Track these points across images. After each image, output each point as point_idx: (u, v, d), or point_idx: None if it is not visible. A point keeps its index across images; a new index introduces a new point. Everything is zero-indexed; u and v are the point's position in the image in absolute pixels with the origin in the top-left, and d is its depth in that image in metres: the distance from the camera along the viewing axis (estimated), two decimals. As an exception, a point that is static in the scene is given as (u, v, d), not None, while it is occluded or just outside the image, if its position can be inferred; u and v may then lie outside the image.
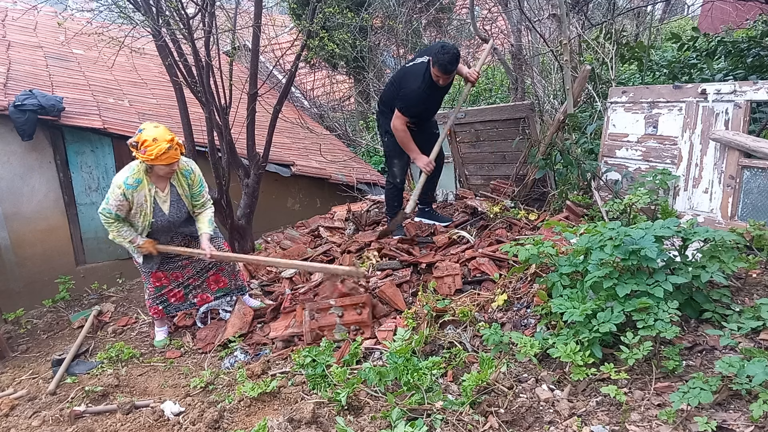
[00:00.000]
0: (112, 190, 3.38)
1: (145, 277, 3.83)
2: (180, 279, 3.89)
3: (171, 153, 3.27)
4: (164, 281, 3.85)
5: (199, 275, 3.96)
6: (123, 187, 3.35)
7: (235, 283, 4.09)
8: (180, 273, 3.88)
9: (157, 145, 3.22)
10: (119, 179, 3.38)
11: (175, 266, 3.86)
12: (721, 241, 2.43)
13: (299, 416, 2.19)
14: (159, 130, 3.28)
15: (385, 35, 9.11)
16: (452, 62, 3.88)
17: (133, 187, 3.38)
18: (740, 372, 1.86)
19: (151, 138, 3.22)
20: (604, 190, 3.89)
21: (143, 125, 3.34)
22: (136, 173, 3.39)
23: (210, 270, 3.97)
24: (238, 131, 5.22)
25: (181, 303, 3.96)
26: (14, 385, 3.56)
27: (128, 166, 3.45)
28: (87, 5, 7.24)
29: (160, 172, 3.43)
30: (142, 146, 3.24)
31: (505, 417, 2.08)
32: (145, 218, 3.52)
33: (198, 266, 3.92)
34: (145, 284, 3.90)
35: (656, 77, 5.82)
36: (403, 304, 3.42)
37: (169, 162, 3.31)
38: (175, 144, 3.29)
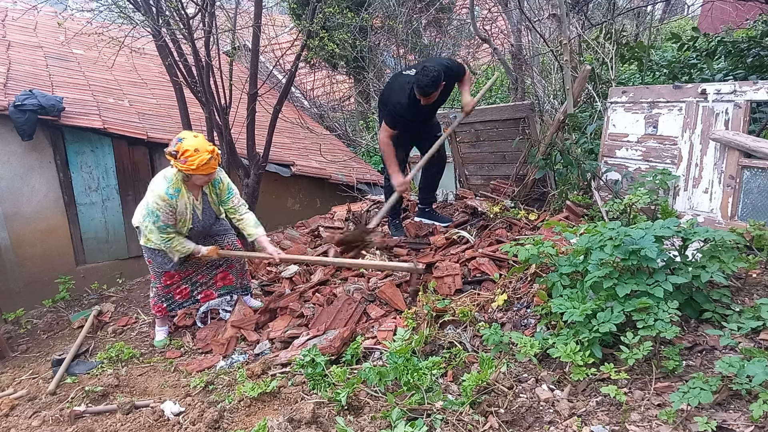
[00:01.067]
0: (156, 206, 3.34)
1: (156, 276, 3.83)
2: (190, 275, 3.90)
3: (211, 163, 3.28)
4: (176, 278, 3.86)
5: (209, 272, 3.97)
6: (167, 198, 3.34)
7: (241, 282, 4.10)
8: (192, 270, 3.89)
9: (200, 156, 3.21)
10: (161, 191, 3.34)
11: (189, 264, 3.86)
12: (721, 241, 2.43)
13: (299, 416, 2.19)
14: (199, 140, 3.27)
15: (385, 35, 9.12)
16: (431, 85, 3.72)
17: (175, 196, 3.38)
18: (740, 372, 1.86)
19: (193, 148, 3.21)
20: (604, 190, 3.89)
21: (182, 134, 3.32)
22: (174, 183, 3.38)
23: (220, 267, 3.98)
24: (238, 131, 5.22)
25: (185, 300, 3.97)
26: (14, 385, 3.56)
27: (163, 177, 3.41)
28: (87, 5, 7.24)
29: (198, 181, 3.43)
30: (183, 156, 3.21)
31: (505, 417, 2.08)
32: (184, 225, 3.54)
33: (209, 263, 3.92)
34: (153, 282, 3.89)
35: (656, 77, 5.82)
36: (403, 304, 3.42)
37: (209, 172, 3.32)
38: (215, 154, 3.29)
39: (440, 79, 3.76)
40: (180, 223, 3.53)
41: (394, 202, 4.14)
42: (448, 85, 4.06)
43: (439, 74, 3.75)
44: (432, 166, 4.50)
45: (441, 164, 4.55)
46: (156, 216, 3.37)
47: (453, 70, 4.05)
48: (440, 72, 3.76)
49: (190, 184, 3.46)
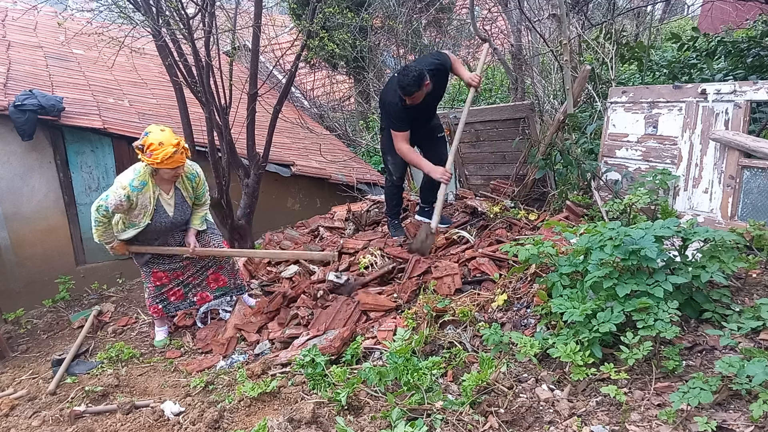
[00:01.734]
0: (114, 190, 3.36)
1: (146, 276, 3.84)
2: (180, 277, 3.90)
3: (177, 157, 3.28)
4: (164, 280, 3.86)
5: (199, 273, 3.96)
6: (128, 189, 3.35)
7: (234, 282, 4.09)
8: (181, 272, 3.89)
9: (163, 149, 3.22)
10: (124, 181, 3.36)
11: (177, 266, 3.86)
12: (721, 241, 2.43)
13: (299, 416, 2.19)
14: (165, 134, 3.27)
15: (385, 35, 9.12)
16: (412, 84, 3.69)
17: (139, 189, 3.38)
18: (740, 372, 1.85)
19: (158, 142, 3.22)
20: (604, 190, 3.89)
21: (149, 128, 3.33)
22: (141, 176, 3.38)
23: (210, 268, 3.98)
24: (238, 131, 5.22)
25: (180, 302, 3.96)
26: (14, 385, 3.56)
27: (133, 168, 3.43)
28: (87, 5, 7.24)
29: (165, 175, 3.43)
30: (148, 150, 3.23)
31: (505, 417, 2.08)
32: (145, 218, 3.53)
33: (198, 264, 3.93)
34: (144, 283, 3.91)
35: (656, 77, 5.82)
36: (389, 302, 3.41)
37: (174, 166, 3.33)
38: (181, 148, 3.30)
39: (422, 78, 3.72)
40: (141, 216, 3.51)
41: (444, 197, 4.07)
42: (439, 81, 4.02)
43: (420, 74, 3.72)
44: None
45: (441, 163, 4.54)
46: (105, 198, 3.38)
47: (441, 64, 4.02)
48: (421, 72, 3.73)
49: (158, 179, 3.46)
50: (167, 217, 3.60)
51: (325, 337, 3.16)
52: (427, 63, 4.01)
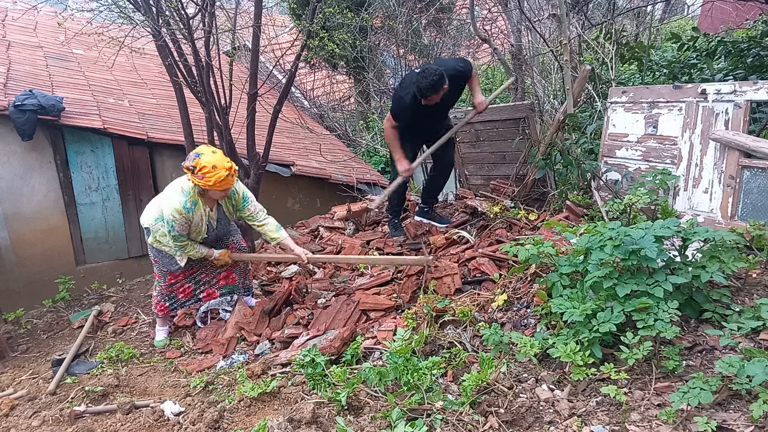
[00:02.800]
0: (172, 218, 3.37)
1: (161, 275, 3.84)
2: (194, 274, 3.91)
3: (228, 180, 3.30)
4: (180, 277, 3.87)
5: (213, 270, 3.98)
6: (184, 212, 3.38)
7: (243, 282, 4.11)
8: (196, 269, 3.90)
9: (217, 173, 3.23)
10: (177, 204, 3.36)
11: (193, 263, 3.86)
12: (721, 241, 2.43)
13: (299, 416, 2.19)
14: (217, 157, 3.28)
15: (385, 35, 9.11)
16: (429, 89, 3.69)
17: (192, 210, 3.42)
18: (740, 372, 1.85)
19: (211, 165, 3.22)
20: (604, 190, 3.89)
21: (200, 149, 3.33)
22: (192, 197, 3.41)
23: (225, 266, 3.98)
24: (238, 131, 5.22)
25: (187, 299, 3.98)
26: (14, 385, 3.56)
27: (179, 190, 3.42)
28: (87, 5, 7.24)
29: (215, 196, 3.47)
30: (200, 172, 3.23)
31: (505, 417, 2.08)
32: (199, 235, 3.59)
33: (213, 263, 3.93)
34: (157, 281, 3.90)
35: (656, 77, 5.82)
36: (388, 302, 3.42)
37: (225, 188, 3.35)
38: (232, 171, 3.32)
39: (441, 83, 3.72)
40: (195, 233, 3.58)
41: (396, 186, 4.19)
42: (455, 86, 4.03)
43: (440, 78, 3.71)
44: (438, 170, 4.51)
45: (446, 169, 4.53)
46: (171, 226, 3.42)
47: (462, 73, 4.04)
48: (441, 76, 3.72)
49: (206, 197, 3.50)
50: (213, 231, 3.68)
51: (325, 337, 3.16)
52: (449, 66, 4.00)
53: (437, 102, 3.90)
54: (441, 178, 4.55)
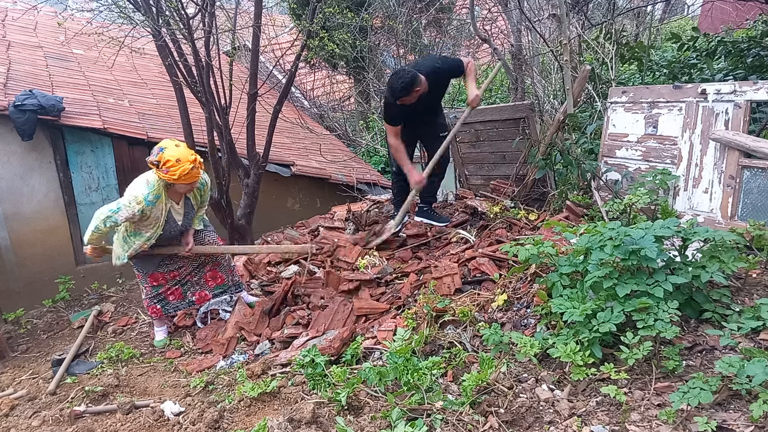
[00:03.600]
0: (127, 204, 3.32)
1: (142, 277, 3.84)
2: (177, 277, 3.90)
3: (194, 173, 3.28)
4: (161, 281, 3.86)
5: (196, 271, 3.97)
6: (143, 204, 3.33)
7: (232, 279, 4.10)
8: (177, 272, 3.89)
9: (181, 166, 3.22)
10: (139, 195, 3.32)
11: (173, 266, 3.86)
12: (721, 241, 2.43)
13: (299, 416, 2.19)
14: (181, 150, 3.26)
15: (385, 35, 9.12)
16: (401, 90, 3.79)
17: (153, 203, 3.38)
18: (740, 372, 1.85)
19: (175, 158, 3.21)
20: (604, 190, 3.89)
21: (163, 143, 3.31)
22: (156, 190, 3.37)
23: (206, 265, 3.98)
24: (238, 131, 5.23)
25: (179, 301, 3.96)
26: (14, 385, 3.56)
27: (146, 181, 3.39)
28: (87, 5, 7.24)
29: (181, 189, 3.45)
30: (164, 166, 3.22)
31: (505, 417, 2.08)
32: (157, 229, 3.55)
33: (195, 263, 3.93)
34: (141, 284, 3.91)
35: (656, 77, 5.82)
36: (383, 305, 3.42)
37: (191, 181, 3.34)
38: (197, 163, 3.30)
39: (413, 84, 3.81)
40: (151, 227, 3.51)
41: (412, 200, 4.25)
42: (438, 85, 4.07)
43: (412, 79, 3.80)
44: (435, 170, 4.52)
45: (444, 165, 4.54)
46: (116, 209, 3.32)
47: (442, 70, 4.07)
48: (413, 77, 3.80)
49: (172, 192, 3.47)
50: (176, 226, 3.63)
51: (324, 337, 3.16)
52: (426, 65, 4.08)
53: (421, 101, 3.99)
54: (437, 176, 4.56)
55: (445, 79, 4.17)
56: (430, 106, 4.24)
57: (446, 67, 4.13)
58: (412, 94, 3.86)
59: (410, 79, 3.80)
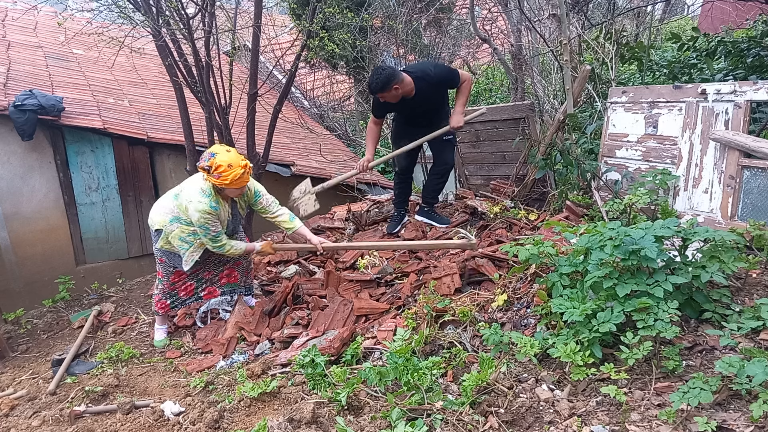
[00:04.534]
0: (204, 220, 3.37)
1: (165, 274, 3.84)
2: (197, 272, 3.91)
3: (244, 177, 3.32)
4: (183, 276, 3.87)
5: (215, 268, 3.98)
6: (212, 211, 3.39)
7: (245, 280, 4.11)
8: (200, 267, 3.90)
9: (233, 171, 3.25)
10: (204, 206, 3.36)
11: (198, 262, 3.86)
12: (721, 241, 2.43)
13: (299, 416, 2.19)
14: (232, 156, 3.30)
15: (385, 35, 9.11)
16: (376, 85, 3.82)
17: (217, 207, 3.44)
18: (740, 372, 1.85)
19: (226, 164, 3.24)
20: (604, 190, 3.89)
21: (214, 149, 3.35)
22: (213, 196, 3.42)
23: (227, 264, 3.98)
24: (238, 131, 5.22)
25: (188, 297, 3.98)
26: (14, 385, 3.56)
27: (199, 191, 3.41)
28: (87, 5, 7.24)
29: (231, 194, 3.49)
30: (216, 171, 3.25)
31: (505, 417, 2.08)
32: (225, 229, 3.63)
33: (218, 260, 3.93)
34: (160, 279, 3.89)
35: (656, 77, 5.82)
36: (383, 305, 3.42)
37: (241, 185, 3.38)
38: (247, 168, 3.34)
39: (388, 82, 3.82)
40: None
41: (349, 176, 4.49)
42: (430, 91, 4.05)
43: (389, 77, 3.82)
44: (434, 172, 4.52)
45: (444, 169, 4.53)
46: (206, 229, 3.43)
47: (431, 77, 4.02)
48: (390, 75, 3.82)
49: (223, 195, 3.52)
50: (229, 228, 3.71)
51: (324, 337, 3.16)
52: (418, 68, 4.12)
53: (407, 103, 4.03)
54: (438, 179, 4.56)
55: (436, 86, 4.10)
56: (428, 111, 4.22)
57: (437, 73, 4.07)
58: (389, 91, 3.87)
59: (385, 77, 3.82)
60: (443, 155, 4.43)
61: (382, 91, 3.87)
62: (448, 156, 4.45)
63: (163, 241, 3.63)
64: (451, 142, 4.43)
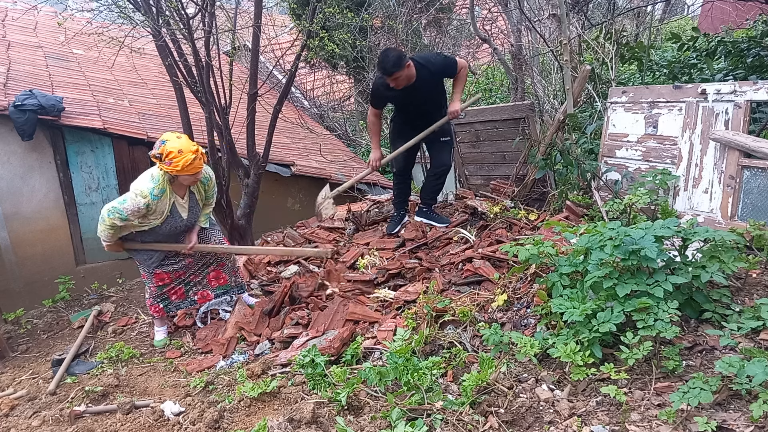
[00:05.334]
0: (133, 198, 3.33)
1: (147, 276, 3.84)
2: (182, 276, 3.91)
3: (196, 163, 3.28)
4: (167, 280, 3.86)
5: (201, 271, 3.97)
6: (149, 198, 3.33)
7: (235, 280, 4.10)
8: (183, 271, 3.89)
9: (183, 157, 3.22)
10: (144, 189, 3.33)
11: (179, 266, 3.86)
12: (721, 241, 2.43)
13: (299, 416, 2.19)
14: (183, 141, 3.27)
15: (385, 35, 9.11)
16: (393, 62, 3.80)
17: (158, 197, 3.39)
18: (740, 372, 1.85)
19: (177, 150, 3.21)
20: (604, 190, 3.89)
21: (164, 136, 3.32)
22: (160, 184, 3.37)
23: (211, 265, 3.98)
24: (238, 131, 5.23)
25: (181, 301, 3.96)
26: (14, 385, 3.56)
27: (150, 176, 3.39)
28: (87, 5, 7.24)
29: (185, 182, 3.45)
30: (167, 158, 3.22)
31: (505, 417, 2.08)
32: (156, 221, 3.55)
33: (200, 262, 3.93)
34: (146, 284, 3.90)
35: (656, 77, 5.82)
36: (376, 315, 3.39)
37: (194, 172, 3.33)
38: (199, 154, 3.30)
39: (402, 59, 3.83)
40: (155, 220, 3.52)
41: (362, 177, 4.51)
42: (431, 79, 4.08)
43: (401, 55, 3.86)
44: (431, 173, 4.52)
45: (442, 171, 4.53)
46: (121, 202, 3.34)
47: (433, 64, 4.08)
48: (399, 56, 3.85)
49: (176, 185, 3.47)
50: (182, 221, 3.62)
51: (324, 337, 3.16)
52: (421, 56, 4.17)
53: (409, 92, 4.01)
54: (436, 181, 4.55)
55: (437, 75, 4.14)
56: (426, 102, 4.22)
57: (439, 61, 4.14)
58: (403, 70, 3.85)
59: (397, 54, 3.84)
60: (441, 156, 4.44)
61: (398, 68, 3.82)
62: (445, 157, 4.46)
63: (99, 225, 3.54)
64: (449, 143, 4.44)
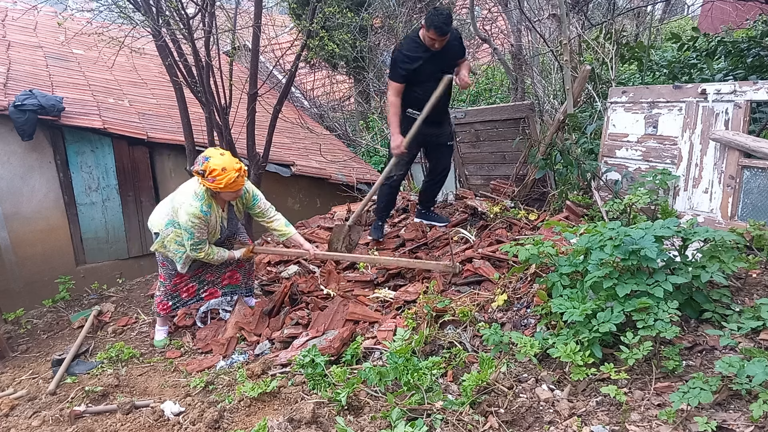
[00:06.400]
0: (191, 224, 3.37)
1: (167, 277, 3.84)
2: (199, 274, 3.91)
3: (239, 181, 3.32)
4: (185, 278, 3.87)
5: (218, 270, 3.98)
6: (202, 216, 3.39)
7: (246, 282, 4.12)
8: (201, 269, 3.90)
9: (227, 175, 3.24)
10: (194, 209, 3.36)
11: (198, 265, 3.86)
12: (721, 241, 2.43)
13: (299, 416, 2.19)
14: (226, 159, 3.29)
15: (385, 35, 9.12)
16: (447, 22, 3.81)
17: (209, 213, 3.44)
18: (740, 372, 1.85)
19: (220, 167, 3.24)
20: (604, 190, 3.89)
21: (208, 152, 3.34)
22: (206, 200, 3.42)
23: (230, 266, 3.99)
24: (238, 131, 5.22)
25: (190, 298, 3.98)
26: (14, 385, 3.56)
27: (192, 194, 3.41)
28: (87, 5, 7.24)
29: (227, 197, 3.49)
30: (210, 175, 3.25)
31: (505, 417, 2.08)
32: (214, 237, 3.61)
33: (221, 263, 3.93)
34: (162, 282, 3.89)
35: (656, 77, 5.82)
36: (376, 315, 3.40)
37: (236, 189, 3.37)
38: (242, 172, 3.33)
39: (452, 18, 3.86)
40: (210, 235, 3.59)
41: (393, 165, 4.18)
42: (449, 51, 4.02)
43: (450, 14, 3.88)
44: (431, 177, 4.51)
45: (443, 175, 4.52)
46: (191, 234, 3.42)
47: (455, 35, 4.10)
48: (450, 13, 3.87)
49: (218, 199, 3.51)
50: (225, 232, 3.70)
51: (324, 337, 3.16)
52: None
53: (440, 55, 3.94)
54: (436, 184, 4.55)
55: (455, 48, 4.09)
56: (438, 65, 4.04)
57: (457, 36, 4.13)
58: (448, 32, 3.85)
59: (448, 14, 3.86)
60: (443, 161, 4.43)
61: (450, 24, 3.86)
62: (447, 161, 4.47)
63: (159, 244, 3.62)
64: (452, 147, 4.44)
